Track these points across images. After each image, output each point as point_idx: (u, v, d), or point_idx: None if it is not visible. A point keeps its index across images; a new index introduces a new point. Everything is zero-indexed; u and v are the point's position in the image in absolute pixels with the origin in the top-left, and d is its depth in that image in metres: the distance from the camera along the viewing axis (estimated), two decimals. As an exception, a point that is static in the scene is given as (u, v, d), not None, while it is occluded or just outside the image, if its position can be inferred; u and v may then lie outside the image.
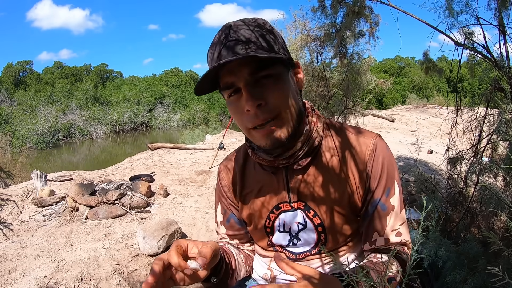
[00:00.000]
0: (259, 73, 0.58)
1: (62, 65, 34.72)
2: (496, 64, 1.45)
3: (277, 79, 0.60)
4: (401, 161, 3.89)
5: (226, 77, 0.59)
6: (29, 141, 16.17)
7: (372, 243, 0.69)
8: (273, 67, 0.60)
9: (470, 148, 1.73)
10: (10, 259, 2.22)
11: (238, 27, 0.59)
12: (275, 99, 0.60)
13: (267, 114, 0.59)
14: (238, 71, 0.58)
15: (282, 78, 0.62)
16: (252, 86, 0.59)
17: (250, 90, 0.58)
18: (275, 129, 0.61)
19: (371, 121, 8.26)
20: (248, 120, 0.61)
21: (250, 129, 0.62)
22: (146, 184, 3.50)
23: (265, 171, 0.73)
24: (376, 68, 28.24)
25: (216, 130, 10.18)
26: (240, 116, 0.62)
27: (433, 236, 1.20)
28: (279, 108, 0.60)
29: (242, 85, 0.58)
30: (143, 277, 2.14)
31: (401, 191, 0.70)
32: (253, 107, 0.58)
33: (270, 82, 0.59)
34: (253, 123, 0.61)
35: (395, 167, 0.70)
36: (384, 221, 0.68)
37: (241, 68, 0.58)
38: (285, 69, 0.63)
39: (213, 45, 0.61)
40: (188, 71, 37.18)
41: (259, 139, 0.63)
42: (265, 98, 0.59)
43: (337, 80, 2.81)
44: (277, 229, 0.75)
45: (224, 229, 0.84)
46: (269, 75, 0.59)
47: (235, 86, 0.59)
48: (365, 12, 2.12)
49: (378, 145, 0.69)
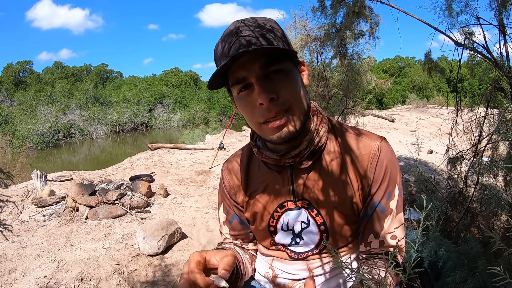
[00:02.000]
0: (270, 68, 0.59)
1: (62, 65, 34.78)
2: (496, 64, 1.45)
3: (287, 74, 0.61)
4: (401, 161, 3.89)
5: (237, 72, 0.60)
6: (29, 141, 16.16)
7: (367, 244, 0.70)
8: (283, 62, 0.61)
9: (470, 148, 1.73)
10: (10, 259, 2.22)
11: (249, 24, 0.60)
12: (286, 93, 0.60)
13: (279, 107, 0.60)
14: (250, 65, 0.59)
15: (292, 74, 0.62)
16: (263, 80, 0.59)
17: (262, 84, 0.59)
18: (286, 122, 0.61)
19: (371, 121, 8.25)
20: (260, 114, 0.61)
21: (261, 123, 0.63)
22: (146, 184, 3.50)
23: (270, 170, 0.73)
24: (376, 68, 28.24)
25: (216, 130, 10.18)
26: (251, 111, 0.62)
27: (433, 236, 1.20)
28: (290, 101, 0.61)
29: (253, 79, 0.59)
30: (143, 277, 2.14)
31: (402, 195, 0.70)
32: (266, 100, 0.58)
33: (281, 77, 0.60)
34: (265, 117, 0.61)
35: (398, 171, 0.70)
36: (381, 223, 0.68)
37: (253, 62, 0.58)
38: (294, 66, 0.64)
39: (224, 39, 0.61)
40: (188, 71, 37.20)
41: (270, 133, 0.63)
42: (277, 92, 0.60)
43: (337, 80, 2.81)
44: (281, 228, 0.75)
45: (227, 229, 0.84)
46: (280, 70, 0.60)
47: (246, 80, 0.60)
48: (365, 12, 2.12)
49: (383, 148, 0.69)
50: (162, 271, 2.23)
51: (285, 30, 0.67)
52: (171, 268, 2.25)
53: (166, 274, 2.20)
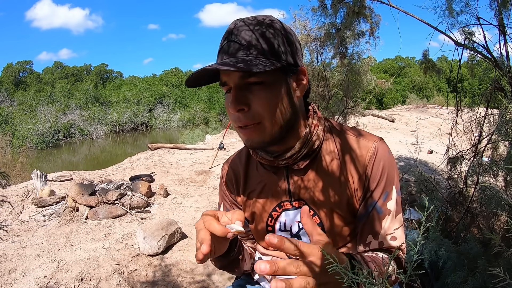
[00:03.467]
0: (249, 79, 0.59)
1: (62, 65, 34.78)
2: (496, 64, 1.45)
3: (267, 87, 0.60)
4: (401, 161, 3.89)
5: (222, 76, 0.62)
6: (29, 141, 16.15)
7: (366, 245, 0.69)
8: (264, 74, 0.59)
9: (470, 148, 1.73)
10: (10, 259, 2.22)
11: (240, 28, 0.60)
12: (259, 106, 0.60)
13: (247, 120, 0.61)
14: (231, 73, 0.60)
15: (273, 86, 0.61)
16: (240, 89, 0.60)
17: (237, 93, 0.60)
18: (254, 135, 0.63)
19: (371, 121, 8.25)
20: (232, 119, 0.64)
21: (236, 126, 0.65)
22: (146, 184, 3.50)
23: (266, 170, 0.74)
24: (376, 68, 28.23)
25: (216, 130, 10.18)
26: (229, 113, 0.65)
27: (433, 236, 1.20)
28: (261, 116, 0.61)
29: (232, 86, 0.61)
30: (143, 277, 2.14)
31: (400, 196, 0.70)
32: (234, 111, 0.60)
33: (259, 89, 0.60)
34: (236, 123, 0.64)
35: (395, 172, 0.70)
36: (379, 224, 0.68)
37: (233, 71, 0.59)
38: (282, 75, 0.62)
39: (221, 42, 0.63)
40: (188, 71, 37.17)
41: (243, 138, 0.66)
42: (250, 104, 0.60)
43: (337, 80, 2.80)
44: (278, 228, 0.75)
45: None
46: (259, 82, 0.60)
47: (227, 85, 0.62)
48: (365, 12, 2.12)
49: (380, 149, 0.69)
50: (162, 271, 2.23)
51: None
52: (171, 268, 2.25)
53: (166, 274, 2.20)
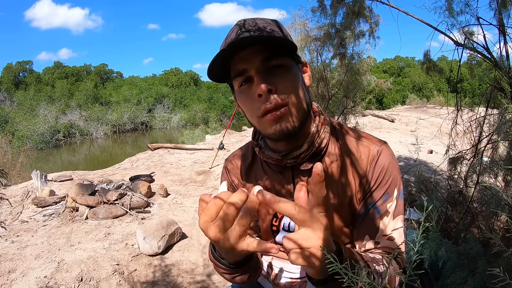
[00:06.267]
0: (270, 62, 0.60)
1: (62, 65, 34.70)
2: (496, 64, 1.45)
3: (287, 70, 0.62)
4: (401, 161, 3.89)
5: (238, 64, 0.60)
6: (29, 141, 16.12)
7: (362, 245, 0.69)
8: (284, 58, 0.61)
9: (470, 148, 1.73)
10: (10, 259, 2.22)
11: (251, 22, 0.62)
12: (286, 87, 0.61)
13: (277, 100, 0.60)
14: (251, 58, 0.59)
15: (292, 70, 0.63)
16: (263, 73, 0.60)
17: (261, 76, 0.60)
18: (285, 115, 0.61)
19: (371, 121, 8.25)
20: (259, 106, 0.61)
21: (259, 117, 0.62)
22: (146, 184, 3.50)
23: (272, 170, 0.74)
24: (376, 68, 28.26)
25: (216, 130, 10.19)
26: (250, 104, 0.62)
27: (433, 236, 1.20)
28: (289, 96, 0.61)
29: (253, 72, 0.60)
30: (143, 277, 2.14)
31: (402, 199, 0.70)
32: (264, 91, 0.58)
33: (281, 72, 0.61)
34: (263, 109, 0.60)
35: (397, 175, 0.69)
36: (376, 224, 0.67)
37: (253, 56, 0.59)
38: (295, 63, 0.65)
39: (229, 33, 0.64)
40: (188, 71, 37.21)
41: (269, 125, 0.62)
42: (276, 85, 0.60)
43: (337, 80, 2.80)
44: (282, 228, 0.76)
45: None
46: (280, 65, 0.61)
47: (246, 73, 0.60)
48: (365, 12, 2.11)
49: (383, 152, 0.69)
50: (162, 271, 2.23)
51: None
52: (171, 268, 2.25)
53: (166, 274, 2.20)
